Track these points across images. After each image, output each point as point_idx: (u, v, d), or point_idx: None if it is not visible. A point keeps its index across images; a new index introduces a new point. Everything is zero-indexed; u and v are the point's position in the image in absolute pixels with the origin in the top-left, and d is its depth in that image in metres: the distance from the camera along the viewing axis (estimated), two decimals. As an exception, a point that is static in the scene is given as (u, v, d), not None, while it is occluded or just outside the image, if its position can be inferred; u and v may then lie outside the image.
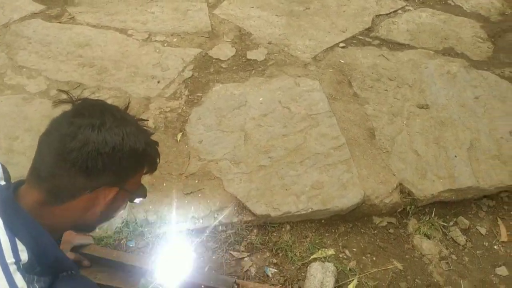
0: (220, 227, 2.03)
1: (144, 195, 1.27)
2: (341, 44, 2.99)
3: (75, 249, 1.72)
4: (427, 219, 2.12)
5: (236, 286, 1.62)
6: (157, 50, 2.92)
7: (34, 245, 1.00)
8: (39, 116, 2.43)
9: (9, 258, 0.94)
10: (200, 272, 1.69)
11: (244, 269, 1.92)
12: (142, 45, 2.96)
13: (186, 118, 2.46)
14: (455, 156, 2.24)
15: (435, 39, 3.11)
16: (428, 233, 2.08)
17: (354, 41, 3.04)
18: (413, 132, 2.37)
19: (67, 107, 1.11)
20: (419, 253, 2.03)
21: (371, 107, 2.52)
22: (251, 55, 2.88)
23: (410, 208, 2.12)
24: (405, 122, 2.43)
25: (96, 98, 1.20)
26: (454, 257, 2.03)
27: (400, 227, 2.12)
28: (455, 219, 2.14)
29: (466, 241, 2.08)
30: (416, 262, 2.01)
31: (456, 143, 2.32)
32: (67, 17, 3.21)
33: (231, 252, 1.97)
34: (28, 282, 0.95)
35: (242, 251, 1.98)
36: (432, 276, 1.95)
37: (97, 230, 1.97)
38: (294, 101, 2.54)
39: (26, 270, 0.96)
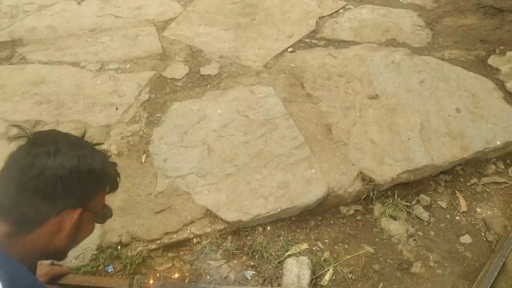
0: (194, 239, 2.07)
1: (109, 215, 1.31)
2: (290, 49, 3.11)
3: (53, 281, 1.73)
4: (390, 201, 2.23)
5: (214, 291, 1.67)
6: (112, 78, 2.96)
7: (7, 277, 1.02)
8: (1, 158, 2.42)
9: (-19, 295, 0.97)
10: (178, 285, 1.73)
11: (223, 276, 1.97)
12: (96, 75, 2.99)
13: (148, 139, 2.50)
14: (408, 139, 2.37)
15: (377, 33, 3.27)
16: (394, 214, 2.18)
17: (302, 45, 3.17)
18: (366, 122, 2.49)
19: (22, 141, 1.15)
20: (387, 234, 2.13)
21: (325, 104, 2.63)
22: (204, 70, 2.95)
23: (373, 193, 2.22)
24: (358, 114, 2.55)
25: (49, 129, 1.23)
26: (420, 233, 2.13)
27: (366, 213, 2.22)
28: (416, 198, 2.26)
29: (430, 216, 2.19)
30: (386, 244, 2.10)
31: (408, 127, 2.44)
32: (18, 57, 3.21)
33: (208, 261, 2.02)
34: (5, 312, 0.97)
35: (219, 259, 2.03)
36: (402, 254, 2.05)
37: (73, 261, 1.99)
38: (251, 108, 2.62)
39: (2, 303, 0.99)
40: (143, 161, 2.39)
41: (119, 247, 2.03)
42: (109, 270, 1.97)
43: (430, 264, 2.01)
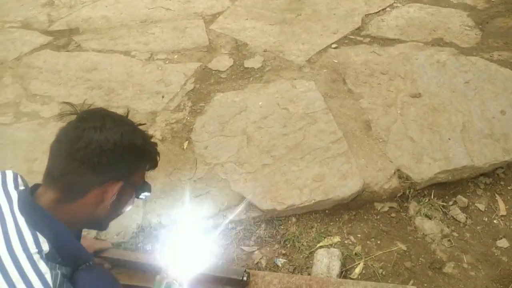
0: (229, 224, 2.14)
1: (149, 190, 1.40)
2: (334, 45, 3.13)
3: (96, 254, 1.85)
4: (426, 200, 2.21)
5: (246, 275, 1.73)
6: (160, 68, 3.08)
7: (53, 237, 1.13)
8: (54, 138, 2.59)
9: (33, 249, 1.07)
10: (212, 266, 1.80)
11: (255, 262, 2.03)
12: (145, 64, 3.13)
13: (191, 127, 2.60)
14: (449, 139, 2.34)
15: (424, 31, 3.22)
16: (429, 214, 2.17)
17: (346, 41, 3.17)
18: (407, 120, 2.48)
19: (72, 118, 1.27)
20: (421, 233, 2.12)
21: (366, 101, 2.64)
22: (248, 63, 3.03)
23: (409, 192, 2.21)
24: (399, 111, 2.54)
25: (96, 107, 1.34)
26: (455, 234, 2.11)
27: (401, 210, 2.21)
28: (454, 199, 2.23)
29: (466, 218, 2.16)
30: (419, 242, 2.09)
31: (449, 127, 2.41)
32: (74, 45, 3.40)
33: (242, 247, 2.09)
34: (51, 268, 1.07)
35: (252, 245, 2.09)
36: (435, 254, 2.04)
37: (115, 237, 2.11)
38: (291, 102, 2.67)
39: (48, 259, 1.09)
40: (185, 147, 2.49)
41: (158, 228, 2.13)
42: (148, 249, 2.08)
43: (463, 266, 1.99)
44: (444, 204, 2.21)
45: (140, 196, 1.39)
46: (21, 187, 1.26)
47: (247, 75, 2.94)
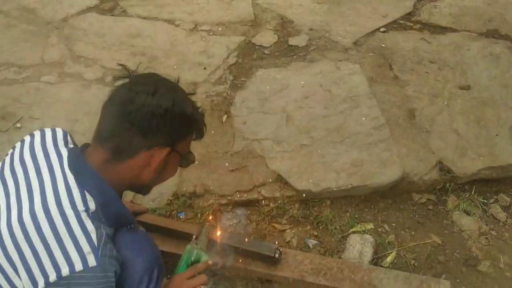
0: (263, 201, 2.14)
1: (192, 161, 1.40)
2: (382, 29, 3.04)
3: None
4: (466, 196, 2.15)
5: (278, 252, 1.73)
6: (203, 39, 3.07)
7: (99, 197, 1.14)
8: (96, 101, 2.62)
9: (80, 207, 1.08)
10: (244, 240, 1.81)
11: (286, 240, 2.03)
12: (189, 34, 3.12)
13: (231, 101, 2.59)
14: (496, 135, 2.26)
15: (479, 22, 3.09)
16: (468, 209, 2.11)
17: (395, 26, 3.08)
18: (453, 112, 2.40)
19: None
20: (458, 228, 2.07)
21: (412, 89, 2.56)
22: (292, 41, 2.98)
23: (449, 185, 2.15)
24: (445, 102, 2.46)
25: (150, 72, 1.35)
26: (494, 233, 2.05)
27: (439, 203, 2.16)
28: (495, 197, 2.16)
29: (507, 217, 2.09)
30: (455, 237, 2.05)
31: (498, 122, 2.33)
32: (119, 10, 3.41)
33: (274, 224, 2.08)
34: (96, 228, 1.09)
35: (284, 224, 2.09)
36: (471, 251, 1.99)
37: (150, 203, 2.14)
38: (335, 84, 2.61)
39: (94, 218, 1.11)
40: (223, 121, 2.49)
41: (192, 197, 2.15)
42: (181, 216, 2.10)
43: (499, 266, 1.93)
44: (485, 201, 2.15)
45: (185, 165, 1.40)
46: (70, 145, 1.28)
47: (291, 53, 2.89)
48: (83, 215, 1.08)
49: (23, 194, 1.11)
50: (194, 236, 1.67)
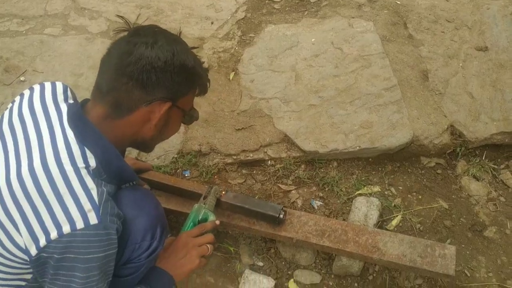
0: (269, 161, 2.12)
1: (196, 117, 1.36)
2: (399, -16, 2.90)
3: (137, 173, 1.86)
4: (477, 161, 2.11)
5: (283, 213, 1.72)
6: (211, -8, 2.96)
7: (100, 154, 1.12)
8: (101, 55, 2.54)
9: (80, 164, 1.06)
10: (249, 199, 1.79)
11: (291, 201, 2.01)
12: (196, -14, 3.00)
13: (239, 58, 2.52)
14: (512, 99, 2.18)
15: (501, -21, 2.94)
16: (477, 175, 2.07)
17: (413, -19, 2.93)
18: (469, 75, 2.31)
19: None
20: (466, 194, 2.04)
21: (426, 49, 2.46)
22: (304, -4, 2.86)
23: (460, 149, 2.11)
24: (461, 64, 2.37)
25: (150, 24, 1.28)
26: (502, 199, 2.02)
27: (448, 168, 2.12)
28: (506, 163, 2.12)
29: (517, 184, 2.06)
30: (462, 202, 2.02)
31: (515, 86, 2.24)
32: (125, -40, 3.28)
33: (279, 185, 2.06)
34: (97, 185, 1.07)
35: (290, 185, 2.07)
36: (478, 216, 1.97)
37: (155, 160, 2.12)
38: (346, 42, 2.52)
39: (95, 175, 1.09)
40: (231, 78, 2.43)
41: (198, 156, 2.12)
42: (186, 175, 2.09)
43: (506, 232, 1.91)
44: (495, 166, 2.10)
45: (188, 122, 1.36)
46: (70, 101, 1.24)
47: (302, 8, 2.78)
48: (83, 172, 1.06)
49: (22, 150, 1.09)
50: (202, 196, 1.67)
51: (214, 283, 1.82)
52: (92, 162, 1.09)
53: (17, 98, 1.24)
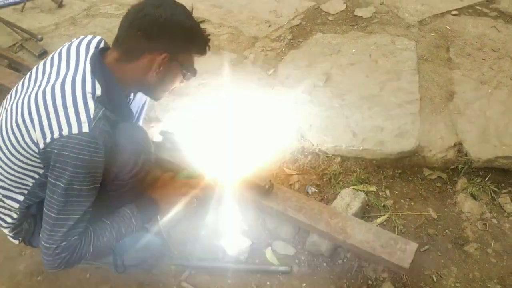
0: (281, 147, 2.34)
1: (194, 74, 1.65)
2: (454, 12, 2.98)
3: (162, 133, 2.20)
4: (478, 181, 2.14)
5: (269, 184, 1.93)
6: (278, 0, 3.28)
7: (106, 87, 1.46)
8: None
9: (88, 89, 1.41)
10: (243, 172, 2.03)
11: (290, 183, 2.22)
12: (275, -5, 3.35)
13: (282, 57, 2.79)
14: (530, 130, 2.18)
15: None
16: (476, 194, 2.10)
17: (470, 11, 2.99)
18: (494, 100, 2.34)
19: None
20: (459, 209, 2.08)
21: (460, 73, 2.53)
22: (359, 12, 3.06)
23: (463, 167, 2.15)
24: (490, 90, 2.40)
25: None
26: (494, 221, 2.03)
27: (448, 183, 2.18)
28: (509, 188, 2.11)
29: (514, 210, 2.05)
30: (452, 216, 2.07)
31: (537, 119, 2.23)
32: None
33: (284, 168, 2.28)
34: (96, 107, 1.40)
35: (293, 170, 2.27)
36: (464, 231, 2.01)
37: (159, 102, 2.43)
38: (384, 56, 2.67)
39: (98, 101, 1.43)
40: (269, 73, 2.70)
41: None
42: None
43: (487, 251, 1.93)
44: (496, 190, 2.11)
45: (187, 78, 1.66)
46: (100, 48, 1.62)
47: (353, 23, 2.98)
48: (89, 96, 1.40)
49: (53, 75, 1.47)
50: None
51: (204, 235, 2.08)
52: (99, 92, 1.44)
53: (66, 43, 1.65)
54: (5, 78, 2.79)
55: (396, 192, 2.17)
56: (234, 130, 2.40)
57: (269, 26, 3.05)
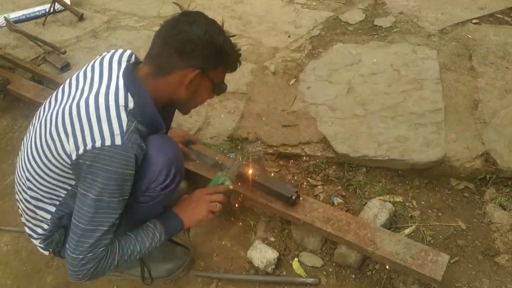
0: (304, 157, 2.33)
1: (224, 90, 1.67)
2: (475, 20, 2.96)
3: (186, 144, 2.21)
4: (507, 191, 2.11)
5: (296, 195, 1.93)
6: (296, 11, 3.29)
7: (139, 100, 1.47)
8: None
9: (121, 102, 1.42)
10: (270, 179, 2.03)
11: (315, 194, 2.20)
12: (284, 5, 3.37)
13: (303, 68, 2.79)
14: (559, 138, 2.14)
15: None
16: (505, 204, 2.07)
17: (490, 19, 2.97)
18: (520, 109, 2.32)
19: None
20: (488, 220, 2.05)
21: (484, 81, 2.51)
22: (378, 21, 3.06)
23: (491, 177, 2.12)
24: (515, 99, 2.38)
25: (197, 10, 1.63)
26: (525, 231, 2.00)
27: (476, 193, 2.15)
28: (540, 198, 2.08)
29: (545, 221, 2.01)
30: (482, 227, 2.04)
31: None
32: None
33: (308, 179, 2.27)
34: (129, 120, 1.42)
35: (318, 180, 2.26)
36: (494, 242, 1.97)
37: (208, 139, 2.44)
38: (406, 65, 2.66)
39: (130, 114, 1.44)
40: (290, 84, 2.71)
41: (244, 142, 2.42)
42: (231, 156, 2.39)
43: (519, 262, 1.90)
44: (526, 200, 2.08)
45: (217, 93, 1.67)
46: (132, 61, 1.63)
47: (373, 32, 2.98)
48: (121, 108, 1.41)
49: (86, 88, 1.48)
50: (227, 167, 1.96)
51: (230, 247, 2.08)
52: (131, 105, 1.45)
53: (98, 57, 1.67)
54: (29, 91, 2.83)
55: (423, 202, 2.15)
56: (257, 141, 2.41)
57: (289, 36, 3.06)
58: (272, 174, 2.27)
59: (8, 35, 3.43)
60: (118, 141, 1.37)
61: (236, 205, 2.16)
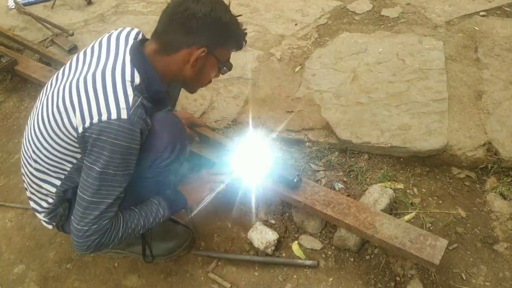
0: (307, 143, 2.35)
1: (229, 68, 1.68)
2: (482, 13, 2.95)
3: (190, 126, 2.23)
4: (508, 180, 2.11)
5: (298, 178, 1.95)
6: (303, 0, 3.29)
7: (145, 76, 1.49)
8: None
9: (128, 78, 1.44)
10: (273, 166, 2.04)
11: (316, 179, 2.22)
12: (292, -7, 3.37)
13: (309, 55, 2.80)
14: (562, 129, 2.15)
15: None
16: (506, 193, 2.08)
17: (498, 12, 2.96)
18: (525, 101, 2.32)
19: None
20: (488, 208, 2.06)
21: (489, 73, 2.51)
22: (385, 12, 3.06)
23: (492, 166, 2.13)
24: (520, 90, 2.38)
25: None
26: (525, 221, 2.01)
27: (477, 182, 2.16)
28: (542, 188, 2.09)
29: (546, 211, 2.02)
30: (481, 215, 2.05)
31: None
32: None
33: (311, 164, 2.28)
34: (135, 95, 1.44)
35: (320, 166, 2.28)
36: (493, 231, 1.98)
37: (212, 123, 2.46)
38: (411, 55, 2.67)
39: (137, 89, 1.46)
40: (296, 70, 2.72)
41: (247, 126, 2.43)
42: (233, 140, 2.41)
43: (518, 250, 1.91)
44: (527, 190, 2.09)
45: (222, 72, 1.69)
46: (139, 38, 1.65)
47: (380, 22, 2.99)
48: (128, 83, 1.43)
49: (93, 63, 1.51)
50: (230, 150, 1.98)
51: (231, 228, 2.11)
52: (137, 80, 1.47)
53: (106, 33, 1.69)
54: (36, 71, 2.86)
55: (423, 190, 2.16)
56: (260, 126, 2.43)
57: (296, 24, 3.07)
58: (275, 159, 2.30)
59: (17, 17, 3.46)
60: (124, 115, 1.39)
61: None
